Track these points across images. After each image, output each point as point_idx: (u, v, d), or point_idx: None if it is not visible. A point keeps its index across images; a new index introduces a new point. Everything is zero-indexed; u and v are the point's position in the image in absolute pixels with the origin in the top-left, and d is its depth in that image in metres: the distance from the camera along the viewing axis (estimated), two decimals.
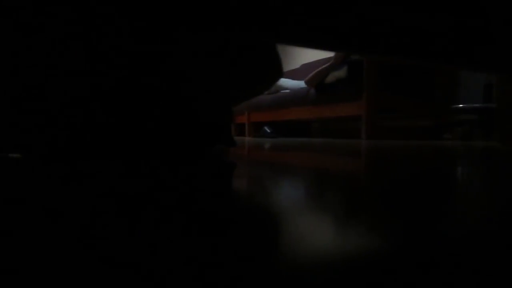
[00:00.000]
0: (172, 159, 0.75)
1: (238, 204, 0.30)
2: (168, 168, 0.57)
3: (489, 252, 0.18)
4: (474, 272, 0.15)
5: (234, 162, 0.71)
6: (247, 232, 0.21)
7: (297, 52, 5.27)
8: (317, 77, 3.08)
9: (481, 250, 0.18)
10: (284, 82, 3.95)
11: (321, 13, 0.85)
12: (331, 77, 2.98)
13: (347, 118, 3.26)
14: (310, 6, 0.83)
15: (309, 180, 0.45)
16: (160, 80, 0.83)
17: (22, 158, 0.77)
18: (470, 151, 1.17)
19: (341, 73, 2.90)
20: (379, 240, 0.20)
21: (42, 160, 0.73)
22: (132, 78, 0.80)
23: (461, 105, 2.49)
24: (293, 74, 4.62)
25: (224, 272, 0.15)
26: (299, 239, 0.20)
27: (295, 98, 3.40)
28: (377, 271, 0.15)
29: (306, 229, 0.22)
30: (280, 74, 1.04)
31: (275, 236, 0.21)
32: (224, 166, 0.62)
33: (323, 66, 3.03)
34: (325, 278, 0.15)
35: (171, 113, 0.87)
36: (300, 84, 3.88)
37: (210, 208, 0.28)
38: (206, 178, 0.46)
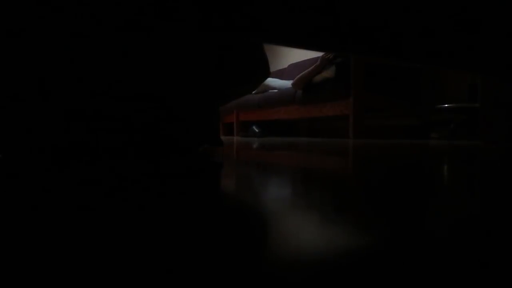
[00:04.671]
0: (158, 159, 0.75)
1: (223, 203, 0.30)
2: (153, 169, 0.56)
3: (474, 245, 0.18)
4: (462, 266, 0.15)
5: (221, 161, 0.71)
6: (232, 230, 0.21)
7: (285, 52, 5.28)
8: (303, 80, 3.10)
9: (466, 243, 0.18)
10: (272, 81, 3.96)
11: (307, 14, 0.85)
12: (319, 77, 3.00)
13: (334, 117, 3.28)
14: (295, 6, 0.84)
15: (296, 179, 0.45)
16: (144, 80, 0.83)
17: (4, 158, 0.75)
18: (453, 150, 1.19)
19: (328, 73, 2.91)
20: (366, 237, 0.20)
21: (32, 161, 0.71)
22: (118, 82, 0.79)
23: (446, 105, 2.52)
24: (281, 74, 4.63)
25: (210, 269, 0.15)
26: (286, 237, 0.20)
27: (283, 97, 3.41)
28: (366, 268, 0.15)
29: (293, 227, 0.22)
30: (267, 73, 1.04)
31: (261, 235, 0.21)
32: (211, 166, 0.61)
33: (309, 69, 3.05)
34: (312, 275, 0.15)
35: (156, 114, 0.86)
36: (288, 83, 3.89)
37: (195, 207, 0.28)
38: (191, 178, 0.45)
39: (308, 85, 3.10)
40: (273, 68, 5.43)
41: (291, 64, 4.43)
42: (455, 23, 1.14)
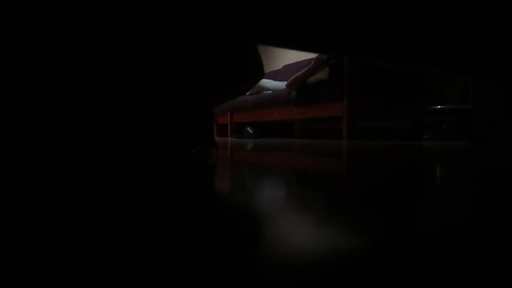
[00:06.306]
0: (151, 161, 0.74)
1: (216, 205, 0.29)
2: (146, 170, 0.56)
3: (465, 246, 0.18)
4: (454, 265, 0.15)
5: (215, 162, 0.71)
6: (225, 232, 0.21)
7: (279, 53, 5.29)
8: (297, 81, 3.11)
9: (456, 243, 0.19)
10: (266, 83, 3.96)
11: (302, 15, 0.86)
12: (313, 79, 3.01)
13: (328, 119, 3.29)
14: (291, 8, 0.84)
15: (291, 180, 0.45)
16: (136, 80, 0.82)
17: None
18: (446, 151, 1.20)
19: (322, 74, 2.92)
20: (360, 238, 0.20)
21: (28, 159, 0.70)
22: (111, 81, 0.79)
23: (439, 107, 2.54)
24: (275, 75, 4.64)
25: (202, 272, 0.15)
26: (280, 239, 0.20)
27: (277, 99, 3.42)
28: (361, 269, 0.15)
29: (287, 228, 0.22)
30: (261, 75, 1.04)
31: (254, 236, 0.21)
32: (204, 167, 0.61)
33: (303, 70, 3.06)
34: (306, 277, 0.15)
35: (148, 116, 0.86)
36: (282, 85, 3.89)
37: (190, 208, 0.27)
38: (184, 179, 0.45)
39: (302, 86, 3.11)
40: (267, 69, 5.43)
41: (285, 65, 4.44)
42: (449, 25, 1.15)
